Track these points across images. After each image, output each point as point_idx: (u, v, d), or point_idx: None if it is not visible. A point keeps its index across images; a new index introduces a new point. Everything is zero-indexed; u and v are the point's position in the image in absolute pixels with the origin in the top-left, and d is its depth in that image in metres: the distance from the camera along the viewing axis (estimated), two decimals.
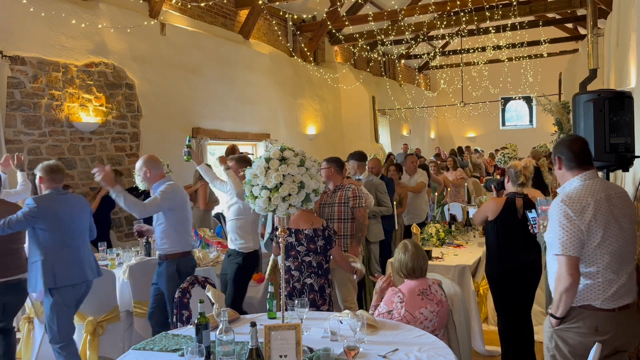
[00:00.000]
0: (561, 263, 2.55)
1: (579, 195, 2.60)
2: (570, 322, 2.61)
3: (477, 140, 21.02)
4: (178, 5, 8.84)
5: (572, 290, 2.54)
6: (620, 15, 6.00)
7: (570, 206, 2.56)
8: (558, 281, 2.56)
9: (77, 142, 6.93)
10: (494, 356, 4.67)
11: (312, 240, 3.78)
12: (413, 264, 3.20)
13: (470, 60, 18.53)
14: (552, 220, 2.64)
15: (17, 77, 6.22)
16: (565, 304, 2.57)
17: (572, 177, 2.72)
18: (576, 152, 2.73)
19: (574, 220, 2.54)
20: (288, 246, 3.79)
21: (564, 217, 2.56)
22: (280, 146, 2.87)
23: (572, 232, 2.53)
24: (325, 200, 4.96)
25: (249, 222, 4.65)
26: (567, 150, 2.74)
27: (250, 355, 2.33)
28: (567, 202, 2.58)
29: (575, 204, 2.56)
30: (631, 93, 3.75)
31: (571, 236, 2.53)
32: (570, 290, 2.53)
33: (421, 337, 2.85)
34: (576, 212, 2.54)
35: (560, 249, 2.54)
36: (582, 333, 2.58)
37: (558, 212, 2.58)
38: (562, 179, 2.80)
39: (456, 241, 5.64)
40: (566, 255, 2.53)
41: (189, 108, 8.86)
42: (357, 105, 14.30)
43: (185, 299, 3.58)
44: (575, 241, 2.53)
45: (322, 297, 3.81)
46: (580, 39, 15.19)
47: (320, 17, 11.97)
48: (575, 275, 2.52)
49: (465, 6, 11.15)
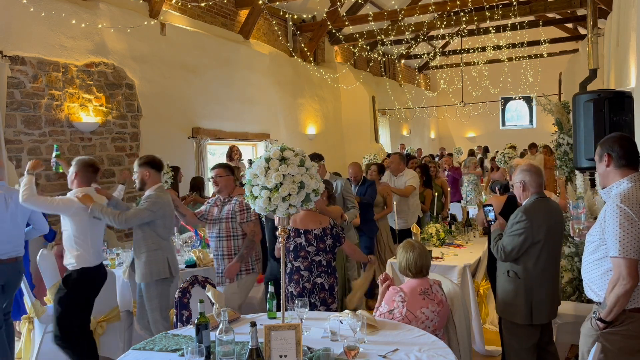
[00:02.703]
0: (621, 265, 2.47)
1: (637, 196, 2.53)
2: (619, 325, 2.56)
3: (477, 140, 21.03)
4: (178, 5, 8.84)
5: (630, 293, 2.48)
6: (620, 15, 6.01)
7: (631, 207, 2.49)
8: (615, 283, 2.49)
9: (77, 142, 6.93)
10: (494, 356, 4.67)
11: (322, 239, 3.80)
12: (422, 263, 3.21)
13: (470, 60, 18.53)
14: (609, 222, 2.54)
15: (17, 77, 6.22)
16: (620, 307, 2.51)
17: (620, 177, 2.62)
18: (628, 149, 2.65)
19: (636, 221, 2.46)
20: (297, 247, 3.80)
21: (624, 219, 2.47)
22: (280, 146, 2.86)
23: (634, 234, 2.46)
24: (214, 216, 4.50)
25: None
26: (619, 147, 2.64)
27: (250, 355, 2.33)
28: (627, 203, 2.50)
29: (635, 205, 2.49)
30: (631, 93, 3.76)
31: (633, 238, 2.46)
32: (629, 293, 2.47)
33: (421, 337, 2.84)
34: (637, 213, 2.48)
35: (620, 251, 2.46)
36: (629, 336, 2.54)
37: (618, 213, 2.50)
38: (605, 178, 2.69)
39: (456, 241, 5.64)
40: (626, 258, 2.45)
41: (189, 108, 8.86)
42: (357, 105, 14.30)
43: (185, 299, 3.58)
44: (636, 243, 2.46)
45: (332, 295, 3.84)
46: (580, 39, 15.19)
47: (320, 17, 11.97)
48: (637, 278, 2.46)
49: (465, 6, 11.15)
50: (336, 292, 3.89)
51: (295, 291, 3.78)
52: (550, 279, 3.42)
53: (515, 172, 3.67)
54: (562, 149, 5.70)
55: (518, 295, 3.42)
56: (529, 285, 3.40)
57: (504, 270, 3.53)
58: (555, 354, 3.62)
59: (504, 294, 3.54)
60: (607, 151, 2.66)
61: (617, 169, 2.64)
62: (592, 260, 2.70)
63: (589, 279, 2.72)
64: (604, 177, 2.71)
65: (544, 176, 3.53)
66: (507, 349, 3.68)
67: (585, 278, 2.76)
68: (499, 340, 4.26)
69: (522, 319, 3.44)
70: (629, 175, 2.61)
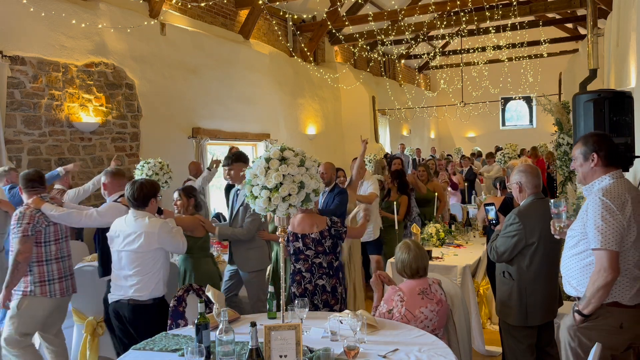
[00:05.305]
0: (603, 257, 2.49)
1: (618, 191, 2.57)
2: (595, 320, 2.58)
3: (477, 140, 21.03)
4: (178, 5, 8.84)
5: (611, 286, 2.50)
6: (620, 15, 6.01)
7: (613, 201, 2.52)
8: (596, 276, 2.51)
9: (77, 142, 6.94)
10: (494, 356, 4.67)
11: (320, 242, 3.78)
12: (417, 265, 3.21)
13: (470, 60, 18.53)
14: (591, 215, 2.56)
15: (17, 77, 6.22)
16: (599, 300, 2.53)
17: (603, 174, 2.66)
18: (613, 149, 2.70)
19: (617, 214, 2.50)
20: (297, 250, 3.80)
21: (606, 212, 2.50)
22: (280, 146, 2.86)
23: (615, 226, 2.49)
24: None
25: None
26: (606, 146, 2.68)
27: (250, 355, 2.33)
28: (609, 196, 2.54)
29: (617, 199, 2.53)
30: (631, 93, 3.76)
31: (614, 230, 2.49)
32: (609, 285, 2.49)
33: (421, 337, 2.84)
34: (618, 206, 2.51)
35: (602, 242, 2.48)
36: (607, 330, 2.56)
37: (600, 206, 2.53)
38: (590, 176, 2.71)
39: (456, 241, 5.64)
40: (608, 250, 2.48)
41: (189, 108, 8.86)
42: (357, 105, 14.30)
43: (181, 307, 3.40)
44: (618, 236, 2.49)
45: (335, 297, 3.82)
46: (580, 39, 15.19)
47: (320, 17, 11.98)
48: (617, 271, 2.48)
49: (465, 6, 11.15)
50: (339, 293, 3.86)
51: (297, 292, 3.78)
52: (545, 280, 3.41)
53: (512, 173, 3.66)
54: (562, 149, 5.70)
55: (512, 296, 3.43)
56: (522, 287, 3.40)
57: (500, 271, 3.55)
58: (555, 356, 3.60)
59: (499, 295, 3.57)
60: (594, 151, 2.69)
61: (603, 167, 2.68)
62: (571, 254, 2.72)
63: (568, 273, 2.74)
64: (588, 174, 2.74)
65: (541, 176, 3.52)
66: (505, 350, 3.68)
67: (564, 273, 2.78)
68: (499, 340, 4.26)
69: (515, 320, 3.44)
70: (611, 172, 2.66)
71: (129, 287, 3.51)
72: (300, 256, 3.79)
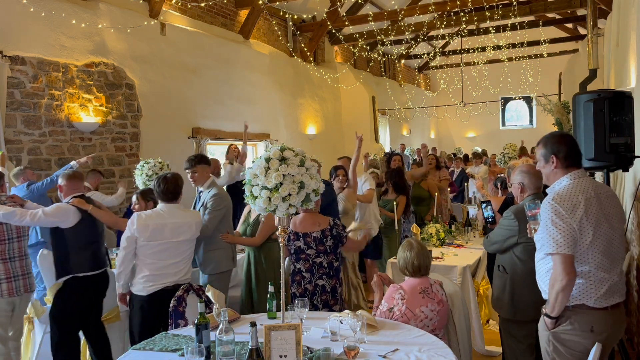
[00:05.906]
0: (556, 262, 2.52)
1: (570, 193, 2.58)
2: (565, 323, 2.59)
3: (477, 140, 21.02)
4: (178, 5, 8.84)
5: (569, 289, 2.51)
6: (620, 15, 6.00)
7: (562, 204, 2.53)
8: (554, 280, 2.53)
9: (77, 142, 6.94)
10: (494, 356, 4.67)
11: (321, 241, 3.79)
12: (419, 262, 3.21)
13: (470, 60, 18.52)
14: (543, 220, 2.60)
15: (17, 77, 6.22)
16: (561, 304, 2.55)
17: (563, 175, 2.67)
18: (573, 149, 2.70)
19: (566, 218, 2.51)
20: (297, 250, 3.80)
21: (555, 216, 2.53)
22: (280, 146, 2.86)
23: (565, 230, 2.50)
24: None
25: None
26: (565, 147, 2.68)
27: (250, 355, 2.33)
28: (558, 200, 2.56)
29: (566, 202, 2.54)
30: (631, 93, 3.75)
31: (565, 234, 2.50)
32: (567, 288, 2.50)
33: (421, 337, 2.84)
34: (567, 210, 2.52)
35: (555, 247, 2.51)
36: (578, 334, 2.57)
37: (549, 210, 2.55)
38: (552, 178, 2.73)
39: (456, 241, 5.63)
40: (561, 254, 2.49)
41: (189, 108, 8.86)
42: (357, 105, 14.29)
43: (181, 307, 3.41)
44: (569, 239, 2.50)
45: (334, 297, 3.83)
46: (580, 39, 15.19)
47: (320, 17, 11.97)
48: (572, 274, 2.49)
49: (465, 6, 11.15)
50: (339, 294, 3.87)
51: (297, 292, 3.78)
52: None
53: (513, 173, 3.68)
54: None
55: (505, 289, 3.51)
56: (515, 281, 3.46)
57: (497, 263, 3.64)
58: None
59: (494, 287, 3.67)
60: (553, 152, 2.69)
61: (563, 168, 2.69)
62: (538, 259, 2.75)
63: (538, 277, 2.77)
64: (550, 176, 2.76)
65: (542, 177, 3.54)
66: (505, 350, 3.69)
67: (536, 277, 2.80)
68: (499, 340, 4.26)
69: (506, 312, 3.53)
70: (571, 172, 2.67)
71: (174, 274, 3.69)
72: (301, 255, 3.80)
